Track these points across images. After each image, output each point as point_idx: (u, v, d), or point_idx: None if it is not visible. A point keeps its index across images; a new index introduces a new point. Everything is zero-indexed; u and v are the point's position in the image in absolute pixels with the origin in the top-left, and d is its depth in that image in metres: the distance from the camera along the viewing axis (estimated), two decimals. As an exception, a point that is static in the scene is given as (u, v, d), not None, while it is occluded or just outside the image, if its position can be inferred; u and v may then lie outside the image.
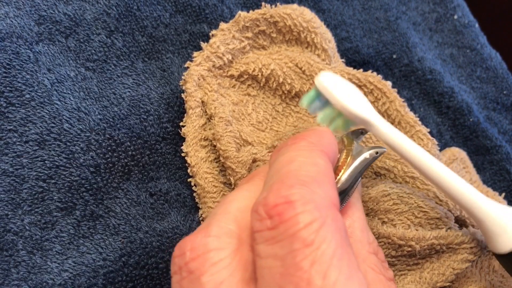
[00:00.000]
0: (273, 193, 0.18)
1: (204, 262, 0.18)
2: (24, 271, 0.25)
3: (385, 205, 0.28)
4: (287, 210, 0.17)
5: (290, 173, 0.19)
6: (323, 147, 0.21)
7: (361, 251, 0.22)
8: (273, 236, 0.17)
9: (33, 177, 0.27)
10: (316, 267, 0.16)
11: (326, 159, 0.20)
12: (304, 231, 0.17)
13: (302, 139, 0.21)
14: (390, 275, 0.22)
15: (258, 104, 0.32)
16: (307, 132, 0.23)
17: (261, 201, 0.18)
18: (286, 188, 0.18)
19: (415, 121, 0.31)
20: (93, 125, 0.29)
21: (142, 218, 0.29)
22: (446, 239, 0.27)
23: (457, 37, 0.43)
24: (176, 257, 0.19)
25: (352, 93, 0.25)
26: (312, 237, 0.17)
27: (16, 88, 0.27)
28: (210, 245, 0.19)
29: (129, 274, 0.27)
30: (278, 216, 0.17)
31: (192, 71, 0.31)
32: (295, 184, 0.18)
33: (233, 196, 0.21)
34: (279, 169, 0.20)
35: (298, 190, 0.18)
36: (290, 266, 0.17)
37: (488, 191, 0.36)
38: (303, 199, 0.18)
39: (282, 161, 0.20)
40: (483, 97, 0.42)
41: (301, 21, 0.32)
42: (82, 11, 0.31)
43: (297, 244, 0.17)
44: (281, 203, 0.17)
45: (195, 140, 0.30)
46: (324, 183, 0.19)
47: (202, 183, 0.29)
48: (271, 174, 0.20)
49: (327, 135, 0.22)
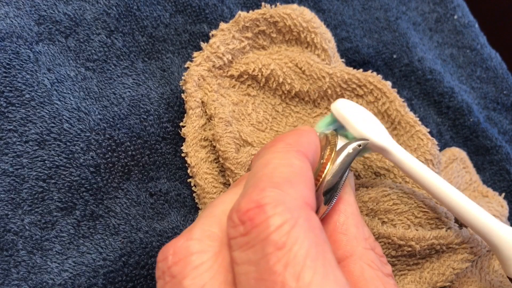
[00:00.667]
0: (246, 198, 0.18)
1: (186, 266, 0.18)
2: (24, 271, 0.25)
3: (385, 205, 0.28)
4: (258, 214, 0.17)
5: (263, 176, 0.19)
6: (300, 146, 0.21)
7: (357, 248, 0.22)
8: (246, 242, 0.17)
9: (33, 177, 0.27)
10: (289, 270, 0.16)
11: (303, 158, 0.20)
12: (275, 234, 0.17)
13: (280, 140, 0.21)
14: (388, 270, 0.22)
15: (258, 104, 0.32)
16: (287, 133, 0.23)
17: (235, 207, 0.18)
18: (257, 192, 0.18)
19: (415, 121, 0.31)
20: (93, 125, 0.29)
21: (142, 218, 0.29)
22: (446, 239, 0.27)
23: (457, 37, 0.43)
24: (159, 261, 0.19)
25: (368, 120, 0.26)
26: (283, 239, 0.17)
27: (16, 88, 0.27)
28: (192, 249, 0.19)
29: (129, 274, 0.27)
30: (250, 222, 0.17)
31: (192, 71, 0.31)
32: (267, 187, 0.18)
33: (220, 199, 0.21)
34: (255, 173, 0.20)
35: (269, 193, 0.18)
36: (264, 270, 0.16)
37: (488, 191, 0.36)
38: (274, 201, 0.17)
39: (259, 164, 0.20)
40: (483, 97, 0.42)
41: (301, 21, 0.32)
42: (82, 11, 0.31)
43: (269, 248, 0.16)
44: (252, 208, 0.17)
45: (195, 141, 0.30)
46: (298, 183, 0.19)
47: (202, 183, 0.29)
48: (248, 178, 0.20)
49: (306, 134, 0.22)
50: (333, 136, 0.24)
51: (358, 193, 0.29)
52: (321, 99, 0.33)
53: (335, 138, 0.24)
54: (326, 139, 0.24)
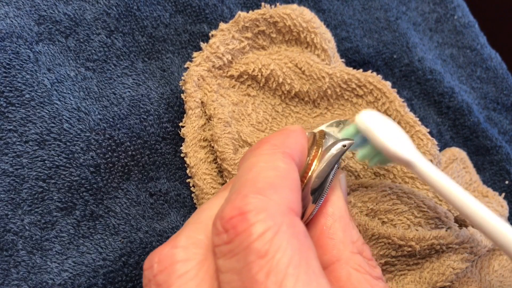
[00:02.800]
0: (229, 205, 0.18)
1: (171, 274, 0.18)
2: (24, 271, 0.25)
3: (384, 205, 0.28)
4: (241, 222, 0.17)
5: (247, 181, 0.19)
6: (286, 148, 0.21)
7: (344, 252, 0.21)
8: (230, 250, 0.17)
9: (33, 177, 0.27)
10: (271, 278, 0.16)
11: (289, 160, 0.20)
12: (257, 242, 0.16)
13: (265, 142, 0.21)
14: (377, 273, 0.22)
15: (258, 105, 0.32)
16: (273, 134, 0.22)
17: (219, 214, 0.18)
18: (240, 199, 0.18)
19: (414, 121, 0.31)
20: (93, 125, 0.29)
21: (142, 218, 0.29)
22: (446, 239, 0.27)
23: (457, 37, 0.43)
24: (145, 269, 0.19)
25: (393, 132, 0.25)
26: (266, 247, 0.16)
27: (16, 88, 0.27)
28: (177, 257, 0.18)
29: (129, 274, 0.27)
30: (233, 229, 0.17)
31: (192, 72, 0.31)
32: (250, 193, 0.18)
33: (208, 204, 0.21)
34: (240, 177, 0.19)
35: (252, 200, 0.17)
36: (246, 279, 0.16)
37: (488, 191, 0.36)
38: (256, 208, 0.17)
39: (244, 168, 0.20)
40: (483, 97, 0.42)
41: (301, 21, 0.32)
42: (82, 11, 0.31)
43: (251, 256, 0.16)
44: (235, 215, 0.17)
45: (195, 141, 0.30)
46: (282, 187, 0.19)
47: (201, 184, 0.29)
48: (233, 183, 0.20)
49: (293, 134, 0.22)
50: (320, 135, 0.24)
51: (358, 193, 0.29)
52: (321, 99, 0.33)
53: (322, 137, 0.23)
54: (314, 138, 0.24)
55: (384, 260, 0.28)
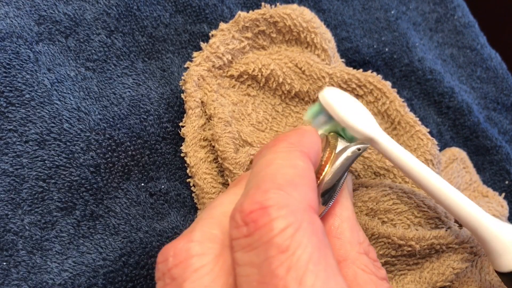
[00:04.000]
0: (249, 199, 0.18)
1: (186, 268, 0.18)
2: (24, 271, 0.25)
3: (384, 205, 0.28)
4: (262, 216, 0.17)
5: (266, 176, 0.19)
6: (303, 147, 0.21)
7: (351, 252, 0.22)
8: (249, 244, 0.17)
9: (33, 177, 0.27)
10: (291, 274, 0.16)
11: (306, 159, 0.20)
12: (278, 237, 0.17)
13: (282, 140, 0.21)
14: (382, 274, 0.22)
15: (258, 104, 0.32)
16: (289, 132, 0.22)
17: (238, 208, 0.18)
18: (261, 193, 0.18)
19: (414, 121, 0.31)
20: (93, 125, 0.29)
21: (142, 218, 0.29)
22: (446, 238, 0.27)
23: (457, 37, 0.43)
24: (159, 263, 0.19)
25: (356, 109, 0.25)
26: (287, 242, 0.16)
27: (16, 88, 0.27)
28: (192, 251, 0.18)
29: (129, 274, 0.27)
30: (253, 223, 0.17)
31: (192, 72, 0.31)
32: (270, 188, 0.18)
33: (219, 200, 0.21)
34: (258, 173, 0.19)
35: (273, 195, 0.18)
36: (266, 273, 0.16)
37: (488, 191, 0.36)
38: (278, 204, 0.17)
39: (261, 164, 0.20)
40: (483, 97, 0.42)
41: (301, 21, 0.32)
42: (82, 11, 0.31)
43: (272, 251, 0.16)
44: (256, 209, 0.17)
45: (195, 141, 0.30)
46: (302, 185, 0.19)
47: (201, 183, 0.29)
48: (250, 178, 0.20)
49: (309, 134, 0.22)
50: (333, 138, 0.24)
51: (358, 193, 0.29)
52: (321, 99, 0.33)
53: (336, 140, 0.24)
54: (326, 140, 0.24)
55: (384, 260, 0.28)
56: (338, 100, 0.25)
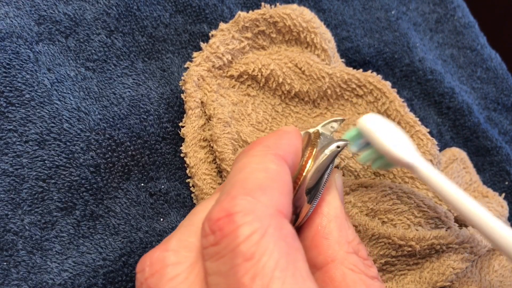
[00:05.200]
0: (218, 207, 0.18)
1: (162, 278, 0.18)
2: (24, 271, 0.25)
3: (384, 205, 0.28)
4: (228, 224, 0.17)
5: (237, 183, 0.18)
6: (279, 149, 0.20)
7: (339, 252, 0.21)
8: (216, 252, 0.17)
9: (33, 177, 0.27)
10: (257, 282, 0.16)
11: (280, 162, 0.20)
12: (243, 244, 0.16)
13: (258, 144, 0.21)
14: (373, 272, 0.21)
15: (257, 105, 0.32)
16: (267, 135, 0.22)
17: (207, 216, 0.18)
18: (228, 200, 0.17)
19: (414, 121, 0.31)
20: (93, 125, 0.29)
21: (142, 218, 0.29)
22: (446, 239, 0.27)
23: (457, 37, 0.43)
24: (138, 272, 0.19)
25: (396, 135, 0.25)
26: (252, 250, 0.16)
27: (16, 88, 0.27)
28: (167, 260, 0.18)
29: (129, 274, 0.27)
30: (219, 231, 0.17)
31: (192, 72, 0.31)
32: (238, 194, 0.18)
33: (201, 206, 0.21)
34: (230, 178, 0.19)
35: (240, 201, 0.17)
36: (232, 282, 0.16)
37: (488, 192, 0.36)
38: (244, 210, 0.17)
39: (235, 169, 0.20)
40: (484, 98, 0.42)
41: (301, 21, 0.32)
42: (82, 11, 0.31)
43: (238, 259, 0.16)
44: (222, 217, 0.17)
45: (194, 141, 0.30)
46: (271, 189, 0.18)
47: (200, 184, 0.29)
48: (224, 184, 0.19)
49: (287, 135, 0.22)
50: (315, 135, 0.24)
51: (358, 193, 0.29)
52: (321, 99, 0.33)
53: (317, 137, 0.23)
54: (309, 138, 0.24)
55: (384, 260, 0.28)
56: (378, 126, 0.25)
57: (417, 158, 0.25)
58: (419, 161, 0.25)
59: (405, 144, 0.25)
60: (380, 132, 0.25)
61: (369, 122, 0.25)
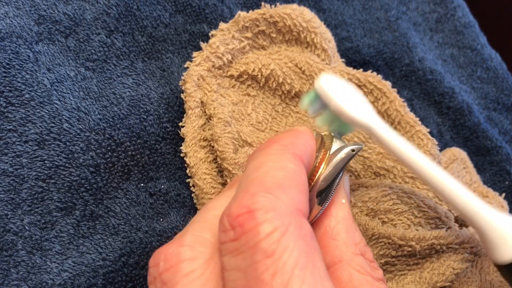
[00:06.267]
0: (237, 203, 0.18)
1: (176, 273, 0.18)
2: (24, 271, 0.25)
3: (385, 205, 0.28)
4: (248, 220, 0.17)
5: (255, 179, 0.19)
6: (296, 149, 0.21)
7: (346, 254, 0.21)
8: (236, 248, 0.17)
9: (32, 177, 0.27)
10: (277, 279, 0.16)
11: (297, 161, 0.20)
12: (264, 241, 0.16)
13: (274, 142, 0.21)
14: (379, 275, 0.22)
15: (257, 104, 0.32)
16: (282, 133, 0.22)
17: (226, 211, 0.18)
18: (248, 197, 0.18)
19: (415, 121, 0.31)
20: (92, 125, 0.29)
21: (142, 218, 0.28)
22: (446, 239, 0.27)
23: (457, 37, 0.43)
24: (151, 267, 0.19)
25: (352, 96, 0.24)
26: (273, 247, 0.16)
27: (15, 88, 0.27)
28: (183, 256, 0.18)
29: (129, 274, 0.27)
30: (240, 227, 0.17)
31: (192, 71, 0.31)
32: (258, 191, 0.18)
33: (213, 203, 0.21)
34: (248, 175, 0.19)
35: (260, 198, 0.17)
36: (251, 278, 0.16)
37: (488, 192, 0.36)
38: (265, 207, 0.17)
39: (252, 166, 0.20)
40: (484, 97, 0.42)
41: (301, 21, 0.32)
42: (82, 11, 0.31)
43: (258, 256, 0.16)
44: (243, 213, 0.17)
45: (194, 141, 0.30)
46: (290, 188, 0.18)
47: (201, 184, 0.29)
48: (240, 181, 0.20)
49: (302, 136, 0.22)
50: (328, 138, 0.24)
51: (358, 193, 0.29)
52: (321, 99, 0.33)
53: (330, 140, 0.23)
54: (321, 140, 0.24)
55: (384, 260, 0.28)
56: (333, 87, 0.24)
57: (373, 118, 0.24)
58: (375, 121, 0.24)
59: (361, 104, 0.24)
60: (336, 92, 0.24)
61: (325, 83, 0.24)
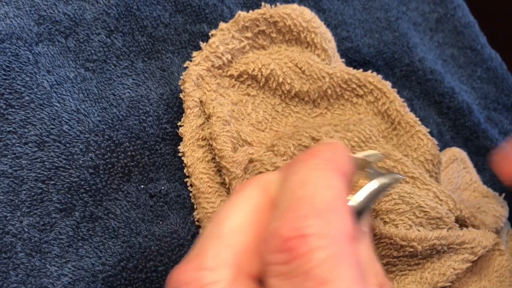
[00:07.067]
0: (287, 224, 0.17)
1: None
2: (23, 274, 0.25)
3: (386, 205, 0.28)
4: (301, 245, 0.16)
5: (303, 199, 0.18)
6: (338, 164, 0.20)
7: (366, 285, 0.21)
8: (287, 271, 0.17)
9: (32, 178, 0.27)
10: None
11: (342, 179, 0.19)
12: (317, 269, 0.16)
13: (314, 155, 0.20)
14: None
15: (257, 104, 0.32)
16: (321, 146, 0.21)
17: (273, 232, 0.17)
18: (300, 219, 0.17)
19: (415, 121, 0.31)
20: (92, 126, 0.28)
21: (141, 221, 0.28)
22: (447, 239, 0.27)
23: (457, 37, 0.43)
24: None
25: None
26: (326, 275, 0.16)
27: (15, 90, 0.27)
28: (204, 280, 0.18)
29: (128, 278, 0.27)
30: (291, 252, 0.16)
31: (191, 71, 0.31)
32: (310, 214, 0.17)
33: (225, 212, 0.20)
34: (292, 192, 0.18)
35: (313, 222, 0.17)
36: None
37: (488, 192, 0.36)
38: (318, 233, 0.17)
39: (295, 181, 0.19)
40: (484, 98, 0.42)
41: (301, 21, 0.32)
42: (82, 11, 0.31)
43: (310, 283, 0.16)
44: (295, 237, 0.17)
45: (192, 140, 0.30)
46: (340, 209, 0.18)
47: (197, 183, 0.29)
48: (283, 196, 0.19)
49: (342, 151, 0.21)
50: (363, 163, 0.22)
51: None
52: (321, 99, 0.33)
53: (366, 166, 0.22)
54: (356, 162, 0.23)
55: (386, 260, 0.28)
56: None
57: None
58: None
59: None
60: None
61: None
